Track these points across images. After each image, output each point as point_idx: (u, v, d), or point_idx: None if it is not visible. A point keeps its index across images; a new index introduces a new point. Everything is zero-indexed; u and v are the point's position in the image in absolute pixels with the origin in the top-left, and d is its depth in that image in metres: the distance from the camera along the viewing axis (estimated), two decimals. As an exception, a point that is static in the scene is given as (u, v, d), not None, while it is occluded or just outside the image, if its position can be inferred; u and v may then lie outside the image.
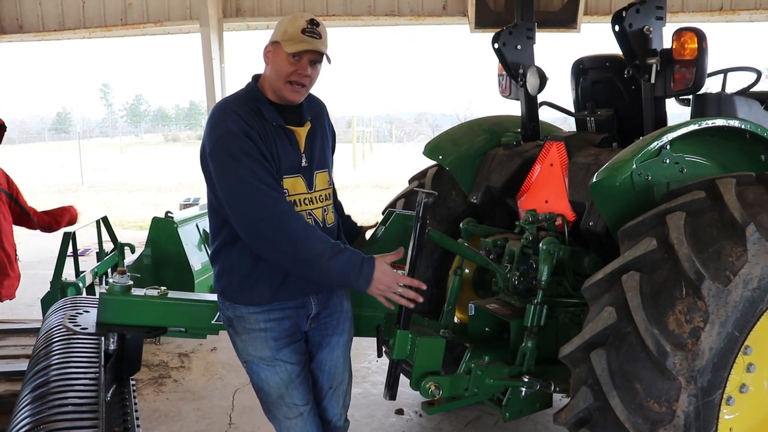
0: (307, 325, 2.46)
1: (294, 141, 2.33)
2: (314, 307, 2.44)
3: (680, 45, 2.78)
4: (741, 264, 2.21)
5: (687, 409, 2.16)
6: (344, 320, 2.56)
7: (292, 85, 2.28)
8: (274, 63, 2.28)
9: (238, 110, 2.24)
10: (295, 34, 2.22)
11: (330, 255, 2.15)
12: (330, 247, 2.17)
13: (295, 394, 2.39)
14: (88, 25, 9.81)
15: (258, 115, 2.26)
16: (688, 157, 2.76)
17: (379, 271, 2.21)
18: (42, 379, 2.39)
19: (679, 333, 2.16)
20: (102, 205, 16.17)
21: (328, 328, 2.51)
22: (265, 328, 2.35)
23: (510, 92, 3.76)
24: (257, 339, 2.36)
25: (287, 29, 2.24)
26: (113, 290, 2.51)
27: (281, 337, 2.37)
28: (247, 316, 2.36)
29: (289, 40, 2.22)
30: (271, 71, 2.30)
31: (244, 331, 2.37)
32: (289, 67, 2.25)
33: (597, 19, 9.11)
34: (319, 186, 2.41)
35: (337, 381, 2.56)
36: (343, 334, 2.56)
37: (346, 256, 2.18)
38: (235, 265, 2.35)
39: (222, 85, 9.45)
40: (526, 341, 2.87)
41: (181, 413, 4.09)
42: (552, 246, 2.87)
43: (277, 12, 9.48)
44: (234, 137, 2.18)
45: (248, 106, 2.27)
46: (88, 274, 4.61)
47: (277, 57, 2.27)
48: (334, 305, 2.52)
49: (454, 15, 9.44)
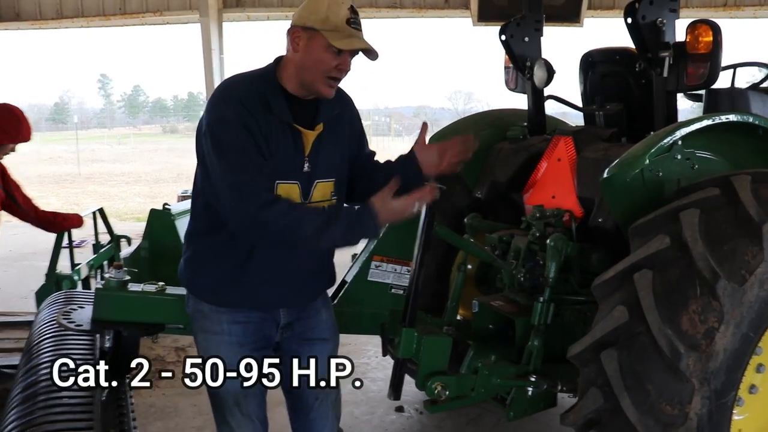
0: (279, 335, 2.32)
1: (300, 143, 2.13)
2: (284, 317, 2.31)
3: (694, 38, 2.72)
4: (757, 263, 2.15)
5: (700, 412, 2.10)
6: (324, 329, 2.41)
7: (330, 80, 2.08)
8: (309, 53, 2.05)
9: (243, 96, 2.06)
10: (341, 25, 2.01)
11: (325, 226, 2.03)
12: (325, 219, 2.04)
13: (252, 403, 2.26)
14: (86, 14, 9.74)
15: (264, 106, 2.06)
16: (699, 153, 2.70)
17: (383, 210, 2.06)
18: (33, 377, 2.32)
19: (693, 333, 2.10)
20: (99, 196, 16.14)
21: (305, 338, 2.36)
22: (228, 331, 2.21)
23: (516, 85, 3.68)
24: (220, 343, 2.22)
25: (329, 16, 2.01)
26: (109, 285, 2.44)
27: (247, 343, 2.23)
28: (210, 315, 2.23)
29: (334, 31, 2.01)
30: (305, 61, 2.06)
31: (204, 329, 2.25)
32: (332, 60, 2.04)
33: (600, 14, 9.07)
34: (317, 197, 2.19)
35: (324, 392, 2.40)
36: (325, 343, 2.41)
37: (343, 219, 2.05)
38: (205, 258, 2.23)
39: (221, 76, 9.36)
40: (533, 340, 2.81)
41: (178, 409, 4.03)
42: (560, 242, 2.81)
43: (277, 2, 9.41)
44: (229, 125, 2.02)
45: (257, 93, 2.07)
46: (83, 266, 4.53)
47: (315, 47, 2.04)
48: (309, 314, 2.37)
49: (457, 8, 9.38)
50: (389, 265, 2.81)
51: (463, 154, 2.41)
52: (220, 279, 2.21)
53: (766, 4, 8.93)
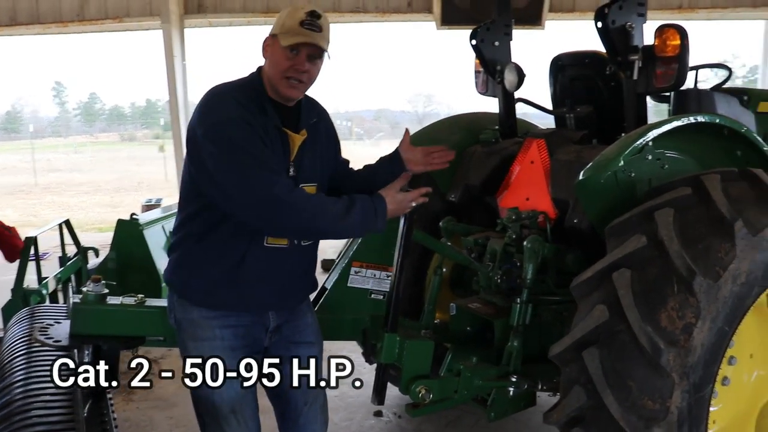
0: (267, 339, 2.35)
1: (287, 146, 2.22)
2: (273, 320, 2.34)
3: (662, 42, 2.79)
4: (730, 259, 2.21)
5: (680, 405, 2.16)
6: (310, 333, 2.46)
7: (289, 80, 2.17)
8: (271, 57, 2.19)
9: (239, 97, 2.14)
10: (293, 27, 2.12)
11: (344, 214, 2.11)
12: (343, 207, 2.12)
13: (247, 410, 2.28)
14: (42, 20, 9.45)
15: (259, 108, 2.15)
16: (668, 154, 2.77)
17: (391, 203, 2.22)
18: (7, 397, 2.26)
19: (672, 329, 2.16)
20: (58, 206, 15.74)
21: (292, 342, 2.40)
22: (221, 336, 2.23)
23: (487, 89, 3.72)
24: (213, 348, 2.22)
25: (285, 21, 2.15)
26: (87, 299, 2.40)
27: (239, 347, 2.25)
28: (200, 321, 2.24)
29: (286, 33, 2.13)
30: (269, 66, 2.21)
31: (195, 337, 2.24)
32: (286, 61, 2.15)
33: (561, 17, 9.21)
34: None
35: (312, 395, 2.45)
36: (311, 346, 2.45)
37: (359, 208, 2.14)
38: (200, 260, 2.23)
39: (184, 83, 9.23)
40: (512, 341, 2.84)
41: (153, 422, 3.96)
42: (536, 244, 2.85)
43: (240, 8, 9.32)
44: (234, 123, 2.06)
45: (250, 96, 2.17)
46: (51, 280, 4.42)
47: (274, 50, 2.17)
48: (297, 318, 2.42)
49: (420, 12, 9.43)
50: (368, 271, 2.82)
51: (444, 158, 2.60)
52: (216, 280, 2.22)
53: (718, 7, 9.22)
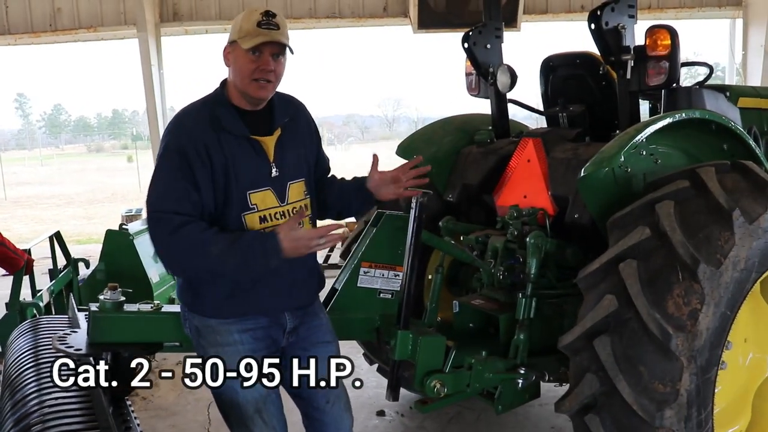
0: (285, 340, 2.39)
1: (261, 151, 2.24)
2: (290, 321, 2.38)
3: (653, 41, 2.90)
4: (729, 247, 2.33)
5: (689, 388, 2.27)
6: (325, 332, 2.50)
7: (257, 81, 2.17)
8: (235, 63, 2.19)
9: (192, 121, 2.19)
10: (251, 29, 2.13)
11: (225, 254, 2.09)
12: (227, 245, 2.10)
13: (272, 409, 2.32)
14: (12, 31, 9.32)
15: (215, 127, 2.16)
16: (661, 149, 2.89)
17: (286, 240, 2.11)
18: (23, 410, 2.26)
19: (679, 315, 2.26)
20: (30, 220, 15.46)
21: (310, 342, 2.43)
22: (240, 340, 2.27)
23: (479, 91, 3.81)
24: (233, 352, 2.26)
25: (242, 26, 2.15)
26: (104, 307, 2.41)
27: (259, 349, 2.29)
28: (218, 328, 2.28)
29: (246, 36, 2.13)
30: (234, 73, 2.21)
31: (215, 343, 2.28)
32: (251, 64, 2.15)
33: (534, 18, 9.39)
34: (292, 198, 2.32)
35: (334, 395, 2.46)
36: (328, 345, 2.48)
37: (244, 245, 2.11)
38: (202, 280, 2.27)
39: (162, 91, 9.18)
40: (518, 334, 2.92)
41: (156, 431, 3.95)
42: (539, 239, 2.94)
43: (216, 16, 9.31)
44: (169, 153, 2.15)
45: (206, 117, 2.19)
46: (44, 292, 4.39)
47: (236, 56, 2.18)
48: (311, 318, 2.46)
49: (396, 16, 9.52)
50: (377, 271, 2.86)
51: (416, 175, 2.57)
52: (223, 293, 2.25)
53: (686, 6, 9.49)
